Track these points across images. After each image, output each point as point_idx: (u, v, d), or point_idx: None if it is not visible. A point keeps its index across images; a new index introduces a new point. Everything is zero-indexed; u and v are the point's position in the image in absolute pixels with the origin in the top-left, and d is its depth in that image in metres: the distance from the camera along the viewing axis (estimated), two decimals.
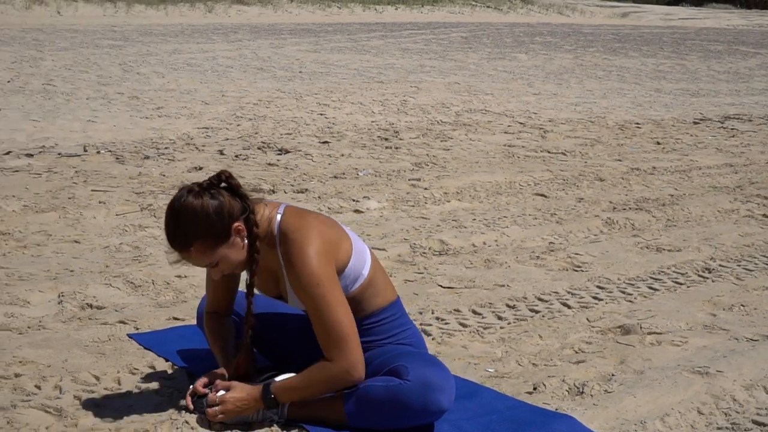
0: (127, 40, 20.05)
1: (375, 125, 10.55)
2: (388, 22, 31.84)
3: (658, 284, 4.76)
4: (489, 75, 16.32)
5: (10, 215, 5.87)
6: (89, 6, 28.20)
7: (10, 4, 26.46)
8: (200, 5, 30.87)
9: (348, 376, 2.91)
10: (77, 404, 3.12)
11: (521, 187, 7.36)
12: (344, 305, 2.93)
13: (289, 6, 33.71)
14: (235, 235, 2.93)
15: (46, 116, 10.13)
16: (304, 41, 21.87)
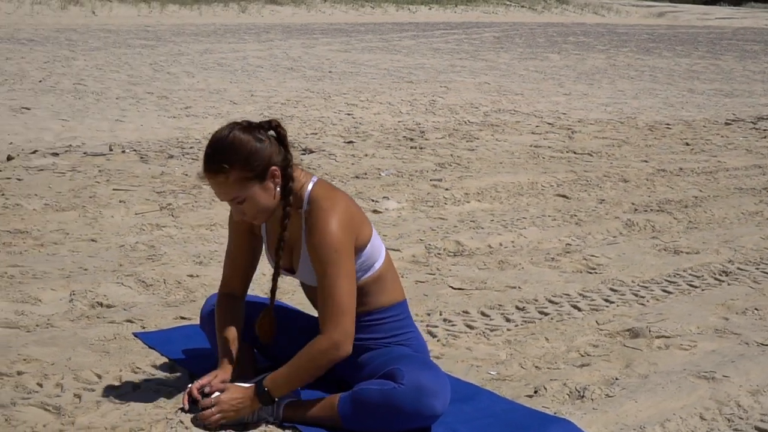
0: (159, 40, 20.19)
1: (401, 125, 10.54)
2: (421, 22, 31.83)
3: (673, 287, 4.70)
4: (520, 75, 16.25)
5: (30, 213, 5.92)
6: (123, 6, 28.43)
7: (46, 5, 26.75)
8: (234, 5, 31.03)
9: (335, 351, 2.89)
10: (76, 402, 3.13)
11: (543, 188, 7.32)
12: (352, 279, 2.95)
13: (322, 6, 33.79)
14: (270, 179, 2.94)
15: (75, 115, 10.22)
16: (336, 41, 21.91)
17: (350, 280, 2.95)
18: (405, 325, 3.21)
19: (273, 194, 2.97)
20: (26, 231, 5.46)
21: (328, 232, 2.92)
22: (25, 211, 5.98)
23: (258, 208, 2.96)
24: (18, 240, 5.28)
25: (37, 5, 26.65)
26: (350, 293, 2.94)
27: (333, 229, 2.93)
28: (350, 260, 2.96)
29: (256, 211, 2.97)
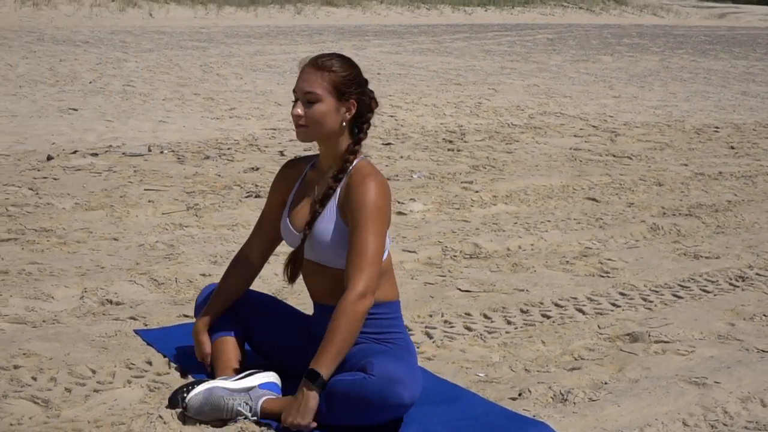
0: (211, 42, 20.44)
1: (443, 127, 10.54)
2: (476, 24, 31.74)
3: (684, 292, 4.65)
4: (570, 77, 16.12)
5: (60, 212, 6.05)
6: (180, 8, 28.82)
7: (105, 7, 27.23)
8: (290, 7, 31.26)
9: (360, 302, 2.97)
10: (66, 396, 3.21)
11: (574, 191, 7.27)
12: (383, 240, 3.07)
13: (378, 8, 33.87)
14: (346, 107, 3.10)
15: (120, 116, 10.40)
16: (387, 43, 21.97)
17: (382, 240, 3.06)
18: (394, 325, 3.23)
19: (338, 121, 3.10)
20: (51, 229, 5.58)
21: (374, 193, 3.05)
22: (55, 210, 6.11)
23: (317, 118, 3.08)
24: (42, 238, 5.41)
25: (96, 7, 27.14)
26: (379, 251, 3.04)
27: (380, 191, 3.07)
28: (385, 225, 3.09)
29: (314, 120, 3.09)
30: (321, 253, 3.16)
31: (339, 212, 3.11)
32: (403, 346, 3.19)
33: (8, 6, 25.55)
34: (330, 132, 3.13)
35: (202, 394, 2.99)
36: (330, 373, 2.96)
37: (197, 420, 2.99)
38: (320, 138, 3.16)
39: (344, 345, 2.98)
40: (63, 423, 3.01)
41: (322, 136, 3.15)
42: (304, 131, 3.14)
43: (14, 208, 6.12)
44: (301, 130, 3.14)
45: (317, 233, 3.14)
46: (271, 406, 3.02)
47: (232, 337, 3.36)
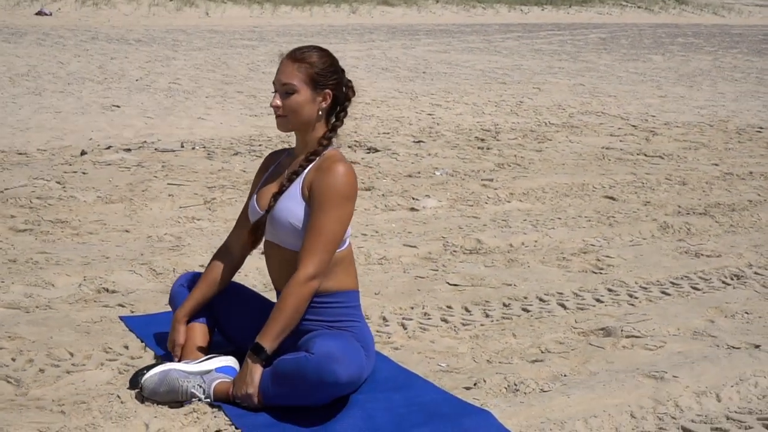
0: (262, 41, 20.69)
1: (478, 125, 10.57)
2: (530, 23, 31.58)
3: (674, 289, 4.65)
4: (618, 77, 16.01)
5: (80, 205, 6.25)
6: (237, 7, 29.18)
7: (163, 6, 27.70)
8: (345, 6, 31.45)
9: (308, 283, 3.11)
10: (38, 376, 3.36)
11: (594, 190, 7.27)
12: (343, 228, 3.19)
13: (433, 7, 33.89)
14: (323, 97, 3.23)
15: (161, 113, 10.62)
16: (437, 42, 22.01)
17: (340, 229, 3.18)
18: (351, 314, 3.31)
19: (314, 110, 3.24)
20: (67, 221, 5.77)
21: (342, 181, 3.17)
22: (77, 202, 6.31)
23: (295, 109, 3.21)
24: (57, 229, 5.60)
25: (155, 6, 27.63)
26: (336, 239, 3.17)
27: (348, 181, 3.18)
28: (348, 215, 3.20)
29: (292, 110, 3.22)
30: (279, 232, 3.26)
31: (302, 191, 3.21)
32: (357, 334, 3.27)
33: (69, 5, 26.16)
34: (307, 121, 3.26)
35: (158, 376, 3.12)
36: (274, 347, 3.09)
37: (154, 400, 3.11)
38: (298, 126, 3.27)
39: (289, 322, 3.11)
40: (29, 401, 3.15)
41: (300, 124, 3.27)
42: (283, 121, 3.27)
43: (38, 200, 6.33)
44: (280, 120, 3.27)
45: (278, 210, 3.24)
46: (224, 389, 3.13)
47: (201, 323, 3.48)
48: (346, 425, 2.95)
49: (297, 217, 3.20)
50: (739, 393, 3.34)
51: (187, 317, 3.47)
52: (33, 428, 2.92)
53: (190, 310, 3.47)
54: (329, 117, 3.32)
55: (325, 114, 3.29)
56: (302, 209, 3.20)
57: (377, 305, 4.29)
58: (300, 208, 3.20)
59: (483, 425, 2.98)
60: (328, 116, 3.31)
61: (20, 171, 7.30)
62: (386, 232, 5.75)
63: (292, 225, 3.21)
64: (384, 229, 5.85)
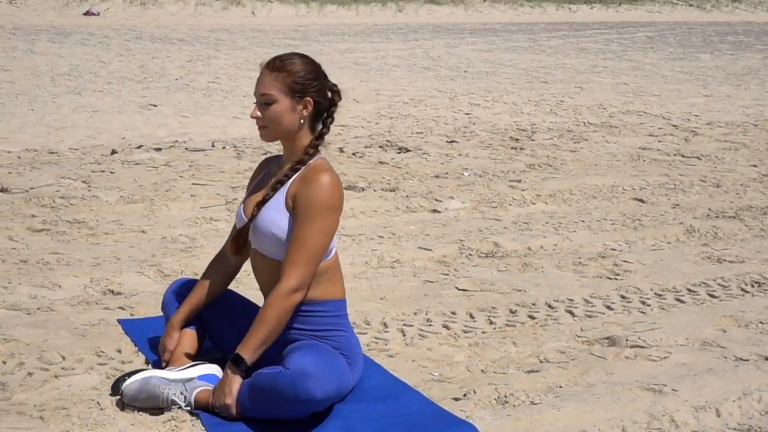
0: (305, 40, 20.71)
1: (515, 125, 10.45)
2: (577, 22, 31.25)
3: (689, 296, 4.51)
4: (663, 76, 15.74)
5: (101, 205, 6.25)
6: (283, 7, 29.27)
7: (209, 6, 27.88)
8: (391, 5, 31.40)
9: (291, 296, 3.05)
10: (25, 380, 3.34)
11: (623, 191, 7.12)
12: (328, 239, 3.12)
13: (480, 6, 33.70)
14: (303, 105, 3.15)
15: (197, 113, 10.66)
16: (481, 41, 21.86)
17: (325, 240, 3.11)
18: (337, 324, 3.24)
19: (295, 120, 3.16)
20: (84, 221, 5.78)
21: (327, 190, 3.10)
22: (99, 202, 6.32)
23: (275, 119, 3.15)
24: (73, 229, 5.61)
25: (201, 6, 27.82)
26: (320, 250, 3.10)
27: (333, 189, 3.12)
28: (333, 226, 3.13)
29: (272, 120, 3.16)
30: (262, 241, 3.20)
31: (286, 202, 3.15)
32: (343, 344, 3.20)
33: (117, 6, 26.45)
34: (289, 130, 3.19)
35: (138, 383, 3.08)
36: (254, 359, 3.04)
37: (134, 407, 3.07)
38: (280, 136, 3.21)
39: (270, 334, 3.05)
40: (11, 405, 3.13)
41: (281, 134, 3.21)
42: (265, 131, 3.21)
43: (61, 200, 6.36)
44: (262, 131, 3.22)
45: (261, 220, 3.19)
46: (205, 397, 3.09)
47: (192, 330, 3.44)
48: None
49: (280, 228, 3.14)
50: (741, 408, 3.21)
51: (181, 323, 3.42)
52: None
53: (185, 316, 3.42)
54: (315, 124, 3.24)
55: (309, 122, 3.21)
56: (286, 219, 3.14)
57: (380, 310, 4.21)
58: (284, 218, 3.14)
59: None
60: (314, 123, 3.23)
61: (49, 170, 7.35)
62: (403, 235, 5.67)
63: (275, 235, 3.15)
64: (402, 231, 5.77)
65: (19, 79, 12.64)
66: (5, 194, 6.49)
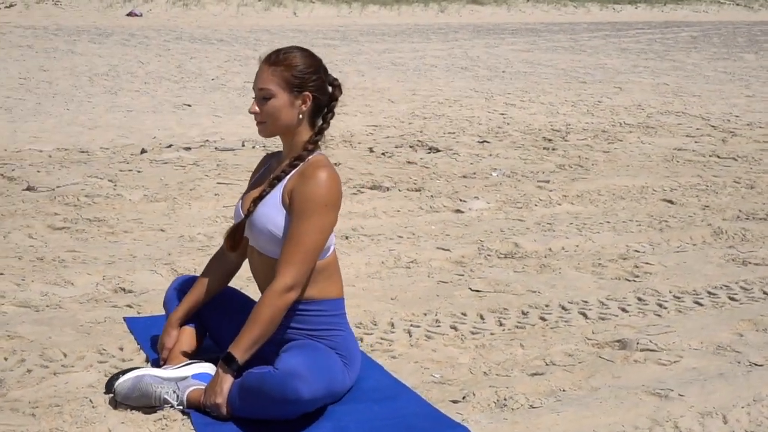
0: (344, 40, 20.70)
1: (549, 126, 10.33)
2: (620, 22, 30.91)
3: (709, 299, 4.39)
4: (705, 76, 15.49)
5: (124, 203, 6.27)
6: (324, 7, 29.30)
7: (251, 6, 27.98)
8: (434, 5, 31.29)
9: (285, 295, 3.00)
10: (24, 377, 3.33)
11: (653, 192, 6.99)
12: (324, 237, 3.06)
13: (523, 6, 33.47)
14: (302, 100, 3.10)
15: (231, 112, 10.67)
16: (521, 41, 21.69)
17: (322, 238, 3.06)
18: (334, 323, 3.19)
19: (294, 115, 3.11)
20: (104, 219, 5.79)
21: (325, 186, 3.04)
22: (121, 201, 6.33)
23: (273, 114, 3.10)
24: (92, 227, 5.62)
25: (243, 7, 27.93)
26: (317, 248, 3.05)
27: (330, 186, 3.06)
28: (330, 223, 3.08)
29: (270, 115, 3.11)
30: (258, 238, 3.16)
31: (283, 198, 3.10)
32: (339, 344, 3.15)
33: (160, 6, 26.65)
34: (287, 125, 3.14)
35: (131, 381, 3.05)
36: (246, 358, 2.99)
37: (127, 405, 3.04)
38: (279, 132, 3.17)
39: (263, 333, 3.01)
40: (6, 402, 3.12)
41: (280, 130, 3.16)
42: (263, 127, 3.16)
43: (85, 198, 6.38)
44: (260, 126, 3.17)
45: (257, 216, 3.14)
46: (197, 396, 3.05)
47: (190, 328, 3.41)
48: None
49: (276, 225, 3.09)
50: (749, 415, 3.10)
51: (180, 321, 3.39)
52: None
53: (184, 314, 3.39)
54: (315, 119, 3.19)
55: (309, 117, 3.15)
56: (282, 216, 3.09)
57: (389, 311, 4.15)
58: (280, 215, 3.09)
59: None
60: (314, 118, 3.18)
61: (78, 169, 7.38)
62: (423, 235, 5.60)
63: (270, 232, 3.10)
64: (422, 231, 5.71)
65: (57, 79, 12.76)
66: (31, 192, 6.53)
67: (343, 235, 5.55)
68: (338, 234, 5.58)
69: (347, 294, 4.34)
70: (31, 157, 7.83)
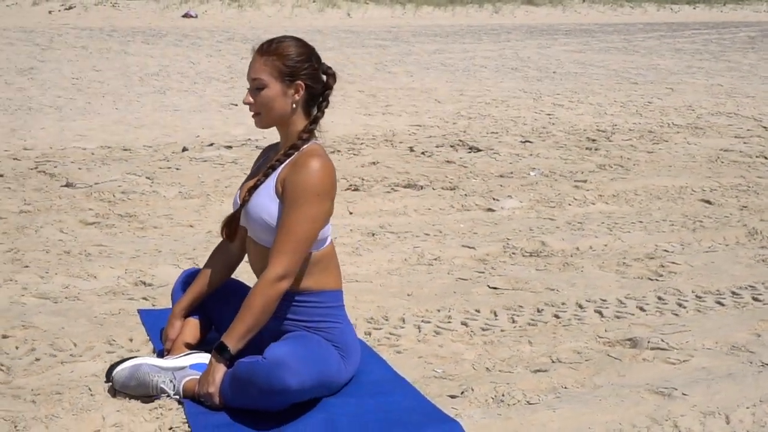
0: (395, 40, 20.68)
1: (595, 126, 10.22)
2: (676, 22, 30.42)
3: (731, 299, 4.30)
4: (761, 77, 15.19)
5: (158, 200, 6.34)
6: (378, 8, 29.31)
7: (305, 7, 28.11)
8: (488, 6, 31.12)
9: (276, 284, 3.00)
10: (31, 365, 3.38)
11: (692, 193, 6.87)
12: (316, 227, 3.05)
13: (579, 6, 33.13)
14: (294, 89, 3.11)
15: None
16: (574, 41, 21.47)
17: (314, 227, 3.05)
18: (331, 315, 3.18)
19: (287, 104, 3.11)
20: (135, 215, 5.85)
21: (316, 176, 3.03)
22: (156, 197, 6.40)
23: (266, 104, 3.11)
24: (123, 223, 5.69)
25: (297, 8, 28.07)
26: (309, 237, 3.05)
27: (324, 175, 3.04)
28: (323, 212, 3.07)
29: (263, 106, 3.12)
30: (253, 228, 3.17)
31: (276, 188, 3.10)
32: (336, 335, 3.14)
33: (215, 8, 26.91)
34: (281, 115, 3.15)
35: (128, 370, 3.08)
36: (238, 347, 3.01)
37: (125, 394, 3.07)
38: (273, 122, 3.18)
39: (256, 323, 3.02)
40: (9, 389, 3.17)
41: (274, 120, 3.17)
42: (258, 118, 3.18)
43: (122, 194, 6.46)
44: (255, 117, 3.19)
45: (252, 205, 3.15)
46: (193, 386, 3.07)
47: (194, 319, 3.43)
48: (301, 429, 2.83)
49: (270, 214, 3.10)
50: (754, 415, 3.03)
51: (183, 312, 3.42)
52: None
53: (187, 305, 3.42)
54: (310, 108, 3.19)
55: (303, 106, 3.15)
56: (276, 206, 3.09)
57: (402, 306, 4.14)
58: (273, 204, 3.10)
59: None
60: (309, 108, 3.18)
61: (118, 166, 7.48)
62: (450, 233, 5.58)
63: (264, 221, 3.11)
64: (450, 229, 5.68)
65: (108, 79, 12.96)
66: (69, 189, 6.63)
67: (369, 232, 5.55)
68: (365, 231, 5.58)
69: (363, 290, 4.37)
70: (74, 155, 7.96)
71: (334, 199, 3.15)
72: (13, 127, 9.19)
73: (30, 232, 5.39)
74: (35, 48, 17.06)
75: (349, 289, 4.37)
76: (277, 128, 3.21)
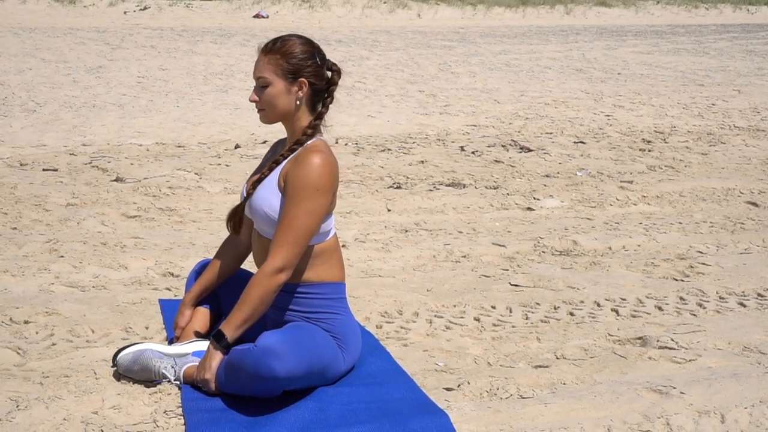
0: (462, 41, 20.64)
1: (653, 127, 10.09)
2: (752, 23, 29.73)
3: (755, 301, 4.24)
4: None
5: (202, 195, 6.46)
6: (449, 9, 29.26)
7: (376, 8, 28.20)
8: (560, 7, 30.83)
9: (275, 276, 3.06)
10: (47, 349, 3.50)
11: (739, 195, 6.77)
12: (316, 221, 3.12)
13: (652, 8, 32.60)
14: (298, 86, 3.18)
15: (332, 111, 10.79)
16: (643, 43, 21.16)
17: (314, 221, 3.12)
18: (333, 307, 3.23)
19: (292, 102, 3.19)
20: (176, 209, 5.98)
21: (317, 172, 3.10)
22: (200, 192, 6.53)
23: (271, 102, 3.18)
24: (164, 216, 5.82)
25: (368, 9, 28.18)
26: (308, 231, 3.11)
27: (323, 171, 3.11)
28: (323, 206, 3.13)
29: (268, 103, 3.19)
30: (257, 220, 3.24)
31: (279, 182, 3.17)
32: (335, 326, 3.19)
33: (287, 9, 27.18)
34: (285, 112, 3.21)
35: (132, 355, 3.17)
36: (236, 336, 3.08)
37: (129, 378, 3.17)
38: (278, 118, 3.25)
39: (253, 313, 3.08)
40: (22, 371, 3.29)
41: (279, 116, 3.24)
42: (263, 114, 3.25)
43: (168, 189, 6.61)
44: (261, 114, 3.26)
45: (255, 199, 3.23)
46: (192, 372, 3.15)
47: (205, 309, 3.51)
48: (292, 416, 2.89)
49: (272, 207, 3.16)
50: (751, 416, 2.99)
51: (193, 301, 3.50)
52: (5, 396, 3.04)
53: (197, 295, 3.50)
54: (315, 105, 3.25)
55: (307, 102, 3.21)
56: (278, 199, 3.16)
57: (419, 302, 4.17)
58: (275, 198, 3.16)
59: (432, 427, 2.82)
60: (313, 104, 3.24)
61: (170, 162, 7.64)
62: (483, 231, 5.58)
63: (267, 214, 3.17)
64: (483, 227, 5.69)
65: (173, 78, 13.20)
66: (118, 183, 6.80)
67: (402, 229, 5.59)
68: (399, 228, 5.62)
69: (385, 284, 4.41)
70: (129, 151, 8.14)
71: (336, 193, 3.20)
72: (75, 124, 9.44)
73: (72, 224, 5.54)
74: (106, 47, 17.46)
75: (371, 284, 4.43)
76: (283, 124, 3.28)
